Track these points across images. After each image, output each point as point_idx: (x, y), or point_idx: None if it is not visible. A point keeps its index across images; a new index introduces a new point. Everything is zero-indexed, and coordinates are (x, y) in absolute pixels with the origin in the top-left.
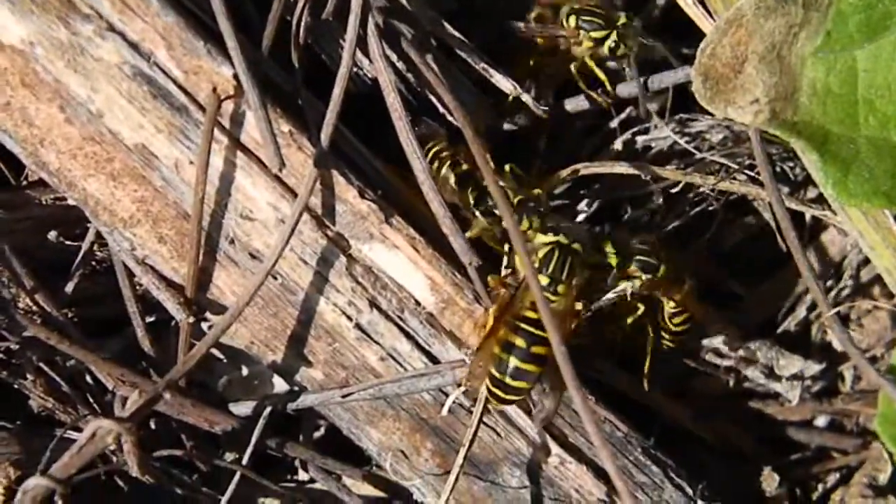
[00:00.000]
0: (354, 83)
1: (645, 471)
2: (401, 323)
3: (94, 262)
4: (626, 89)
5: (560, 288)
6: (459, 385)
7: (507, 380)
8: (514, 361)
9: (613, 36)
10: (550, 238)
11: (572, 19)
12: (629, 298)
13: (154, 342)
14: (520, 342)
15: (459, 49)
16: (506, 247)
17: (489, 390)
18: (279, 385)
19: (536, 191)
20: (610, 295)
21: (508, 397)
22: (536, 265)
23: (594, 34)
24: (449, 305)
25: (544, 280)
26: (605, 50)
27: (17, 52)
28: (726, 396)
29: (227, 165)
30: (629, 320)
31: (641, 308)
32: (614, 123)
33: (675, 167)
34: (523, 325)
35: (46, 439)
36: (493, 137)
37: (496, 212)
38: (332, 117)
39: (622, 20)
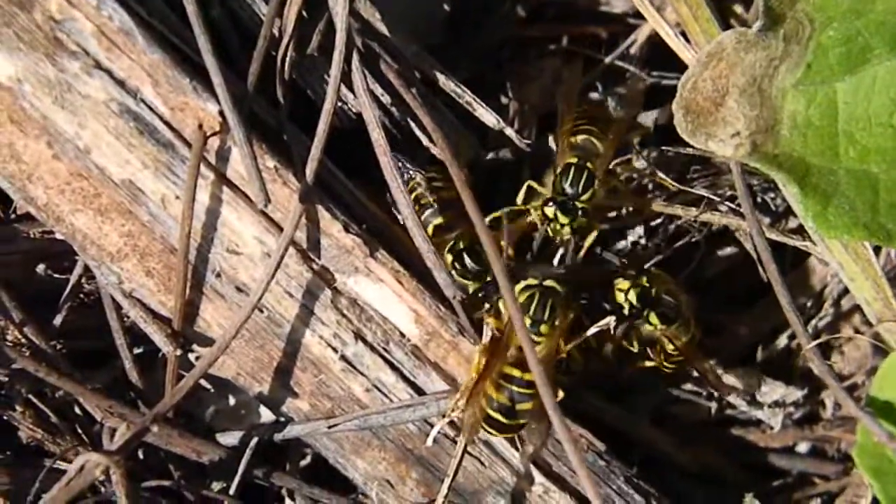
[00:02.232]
0: (339, 118)
1: (628, 499)
2: (386, 355)
3: (82, 296)
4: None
5: (543, 328)
6: (444, 416)
7: (496, 433)
8: (500, 418)
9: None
10: (528, 282)
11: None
12: (615, 333)
13: (142, 374)
14: (504, 400)
15: (443, 83)
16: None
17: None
18: (266, 415)
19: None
20: (593, 329)
21: (503, 434)
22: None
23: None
24: (433, 337)
25: (526, 322)
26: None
27: (4, 89)
28: (708, 423)
29: (213, 200)
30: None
31: (636, 349)
32: None
33: (656, 199)
34: (508, 385)
35: (36, 470)
36: (476, 170)
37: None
38: (316, 152)
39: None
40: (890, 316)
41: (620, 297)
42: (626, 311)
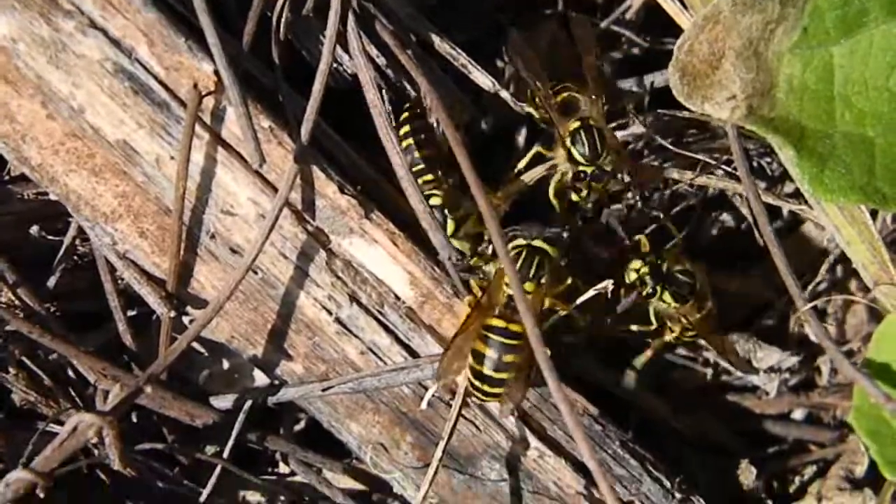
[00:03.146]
0: (335, 79)
1: (623, 464)
2: (380, 317)
3: (76, 257)
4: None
5: (527, 285)
6: (439, 378)
7: (486, 387)
8: (487, 371)
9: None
10: (519, 242)
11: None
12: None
13: (135, 336)
14: (490, 352)
15: (439, 45)
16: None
17: (471, 390)
18: (260, 379)
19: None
20: (590, 293)
21: (488, 399)
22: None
23: (580, 161)
24: (428, 300)
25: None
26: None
27: None
28: (705, 389)
29: (208, 161)
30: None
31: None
32: None
33: (652, 163)
34: (492, 336)
35: (29, 433)
36: (471, 133)
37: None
38: (311, 113)
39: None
40: (886, 279)
41: (633, 276)
42: (640, 290)
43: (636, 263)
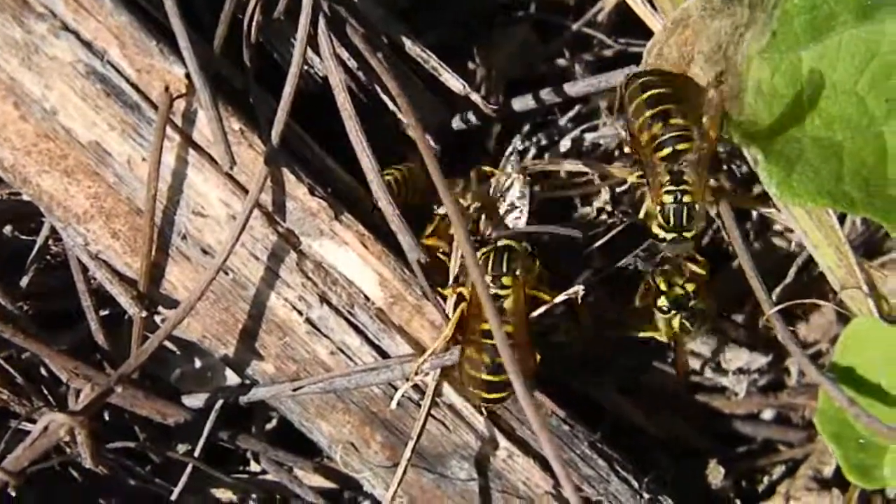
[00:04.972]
0: (305, 82)
1: (591, 464)
2: (351, 318)
3: (48, 257)
4: (573, 88)
5: (505, 280)
6: (408, 379)
7: (485, 393)
8: (486, 376)
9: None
10: (484, 249)
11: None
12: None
13: (107, 336)
14: (486, 358)
15: (410, 48)
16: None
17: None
18: (231, 378)
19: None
20: (560, 297)
21: (490, 402)
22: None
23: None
24: (398, 301)
25: (487, 279)
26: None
27: None
28: (675, 391)
29: (180, 162)
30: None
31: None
32: (563, 121)
33: (622, 165)
34: (486, 341)
35: (1, 431)
36: (442, 136)
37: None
38: (282, 115)
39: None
40: (853, 283)
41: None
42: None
43: (665, 286)
